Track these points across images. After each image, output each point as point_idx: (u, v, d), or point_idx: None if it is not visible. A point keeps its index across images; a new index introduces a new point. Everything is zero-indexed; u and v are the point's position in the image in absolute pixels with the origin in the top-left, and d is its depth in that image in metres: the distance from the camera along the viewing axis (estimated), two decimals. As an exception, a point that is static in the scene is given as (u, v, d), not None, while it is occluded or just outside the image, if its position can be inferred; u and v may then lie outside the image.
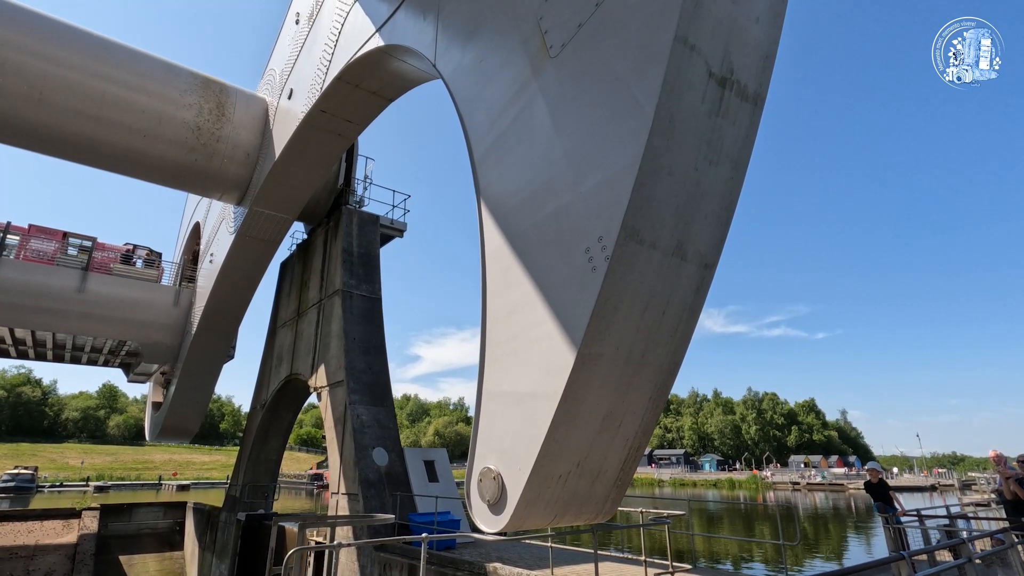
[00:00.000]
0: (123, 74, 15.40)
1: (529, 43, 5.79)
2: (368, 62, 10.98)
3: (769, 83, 4.89)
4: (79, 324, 22.25)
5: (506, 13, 6.28)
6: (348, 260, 19.06)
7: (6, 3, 14.08)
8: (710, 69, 4.39)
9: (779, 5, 4.76)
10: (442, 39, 7.66)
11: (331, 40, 12.65)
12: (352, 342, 17.70)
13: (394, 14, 9.59)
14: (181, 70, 16.74)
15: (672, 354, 5.00)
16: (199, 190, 18.38)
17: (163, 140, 16.15)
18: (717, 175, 4.67)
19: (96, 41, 15.37)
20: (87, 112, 14.98)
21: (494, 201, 5.80)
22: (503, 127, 5.95)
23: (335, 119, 13.56)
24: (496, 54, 6.30)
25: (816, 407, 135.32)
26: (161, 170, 16.83)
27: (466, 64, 6.89)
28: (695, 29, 4.23)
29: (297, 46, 15.75)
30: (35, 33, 14.26)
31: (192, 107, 16.43)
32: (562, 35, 5.30)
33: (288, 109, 15.59)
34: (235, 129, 17.14)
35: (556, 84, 5.26)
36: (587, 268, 4.43)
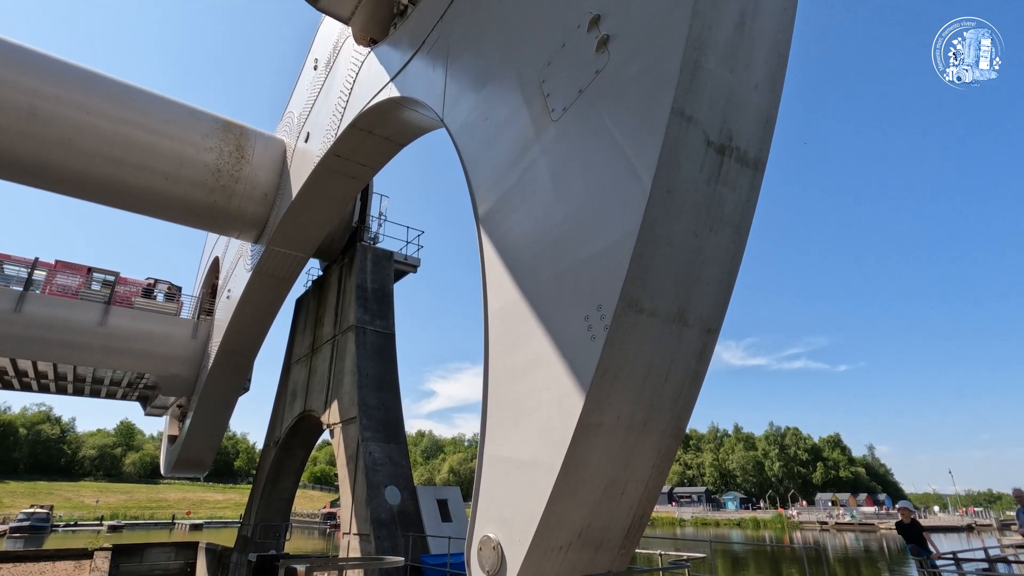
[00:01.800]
0: (148, 120, 15.97)
1: (532, 104, 5.87)
2: (381, 110, 11.25)
3: (770, 146, 4.87)
4: (100, 357, 22.63)
5: (510, 73, 6.40)
6: (362, 296, 19.21)
7: (41, 56, 14.78)
8: (708, 138, 4.39)
9: (777, 72, 4.77)
10: (450, 94, 7.82)
11: (346, 88, 13.00)
12: (365, 378, 17.69)
13: (405, 67, 9.85)
14: (203, 115, 17.31)
15: (676, 420, 4.89)
16: (218, 229, 18.79)
17: (184, 182, 16.61)
18: (718, 240, 4.63)
19: (124, 89, 16.00)
20: (113, 156, 15.52)
21: (497, 260, 5.81)
22: (506, 187, 6.00)
23: (349, 162, 13.84)
24: (501, 112, 6.40)
25: (841, 442, 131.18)
26: (181, 210, 17.26)
27: (472, 121, 7.01)
28: (692, 100, 4.25)
29: (315, 91, 16.22)
30: (66, 83, 14.90)
31: (213, 150, 16.92)
32: (563, 99, 5.36)
33: (305, 151, 15.98)
34: (254, 170, 17.59)
35: (557, 147, 5.31)
36: (586, 337, 4.39)
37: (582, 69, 5.20)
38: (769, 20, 4.73)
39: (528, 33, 6.29)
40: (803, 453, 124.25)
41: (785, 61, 4.89)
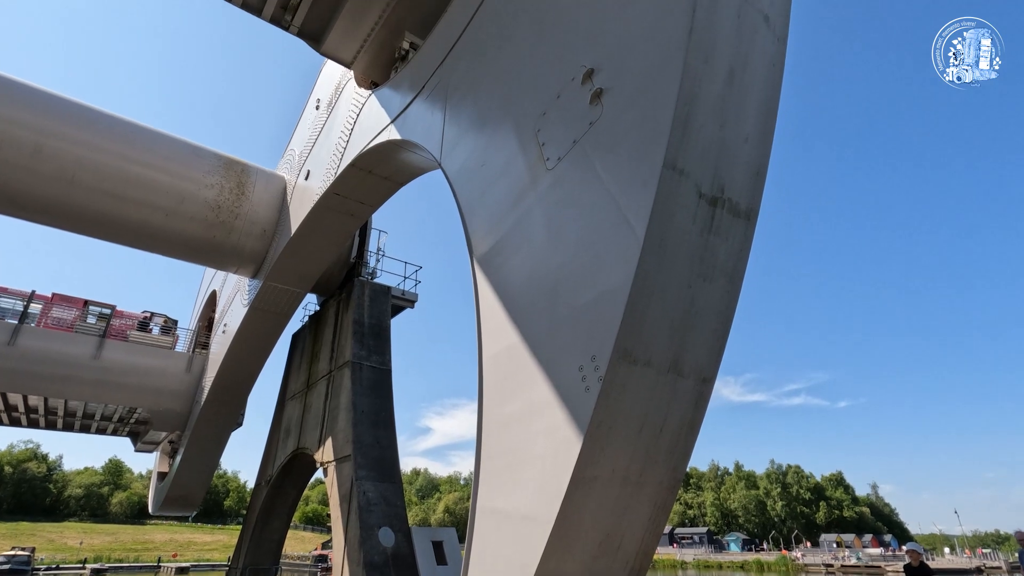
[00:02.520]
0: (150, 156, 16.20)
1: (528, 152, 5.96)
2: (380, 151, 11.42)
3: (762, 196, 4.93)
4: (92, 391, 22.37)
5: (507, 121, 6.52)
6: (359, 331, 19.13)
7: (48, 95, 15.08)
8: (700, 190, 4.45)
9: (767, 125, 4.87)
10: (448, 139, 7.95)
11: (347, 128, 13.24)
12: (360, 415, 17.48)
13: (405, 110, 10.05)
14: (206, 152, 17.57)
15: (672, 471, 4.80)
16: (216, 264, 18.84)
17: (184, 217, 16.73)
18: (712, 290, 4.63)
19: (128, 127, 16.27)
20: (114, 192, 15.67)
21: (492, 306, 5.81)
22: (502, 232, 6.05)
23: (348, 200, 13.99)
24: (497, 159, 6.50)
25: (844, 481, 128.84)
26: (180, 246, 17.34)
27: (469, 166, 7.10)
28: (684, 154, 4.32)
29: (316, 130, 16.50)
30: (72, 121, 15.16)
31: (214, 186, 17.11)
32: (558, 149, 5.45)
33: (305, 188, 16.15)
34: (253, 206, 17.75)
35: (552, 196, 5.37)
36: (580, 387, 4.34)
37: (576, 120, 5.30)
38: (758, 75, 4.85)
39: (524, 83, 6.44)
40: (806, 492, 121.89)
41: (774, 114, 4.99)
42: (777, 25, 5.01)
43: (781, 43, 5.03)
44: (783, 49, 5.03)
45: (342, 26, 11.99)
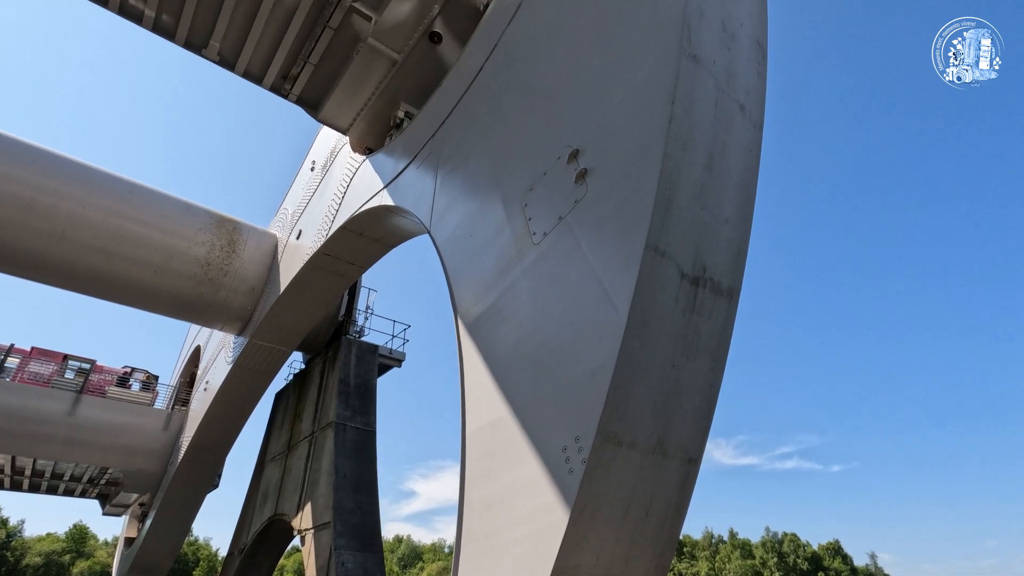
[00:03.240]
0: (143, 214, 16.31)
1: (515, 225, 6.08)
2: (372, 215, 11.60)
3: (743, 275, 5.02)
4: (64, 450, 21.53)
5: (495, 194, 6.68)
6: (344, 391, 18.79)
7: (44, 152, 15.32)
8: (682, 271, 4.53)
9: (746, 206, 5.02)
10: (438, 208, 8.11)
11: (340, 191, 13.49)
12: (342, 479, 16.91)
13: (397, 177, 10.28)
14: (199, 210, 17.74)
15: (659, 557, 4.64)
16: (202, 321, 18.65)
17: (173, 274, 16.69)
18: (696, 369, 4.63)
19: (121, 184, 16.46)
20: (104, 248, 15.66)
21: (476, 378, 5.76)
22: (487, 304, 6.07)
23: (339, 261, 14.06)
24: (485, 231, 6.61)
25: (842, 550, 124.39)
26: (167, 303, 17.20)
27: (458, 235, 7.21)
28: (665, 236, 4.43)
29: (310, 191, 16.79)
30: (66, 178, 15.34)
31: (205, 244, 17.18)
32: (544, 224, 5.57)
33: (296, 247, 16.25)
34: (243, 264, 17.78)
35: (538, 271, 5.43)
36: (564, 469, 4.25)
37: (562, 198, 5.44)
38: (736, 159, 5.04)
39: (513, 158, 6.65)
40: (803, 562, 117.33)
41: (753, 196, 5.16)
42: (752, 113, 5.26)
43: (757, 129, 5.26)
44: (759, 135, 5.26)
45: (340, 95, 12.43)
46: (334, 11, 11.40)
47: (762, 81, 5.41)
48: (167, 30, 11.53)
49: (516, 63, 7.72)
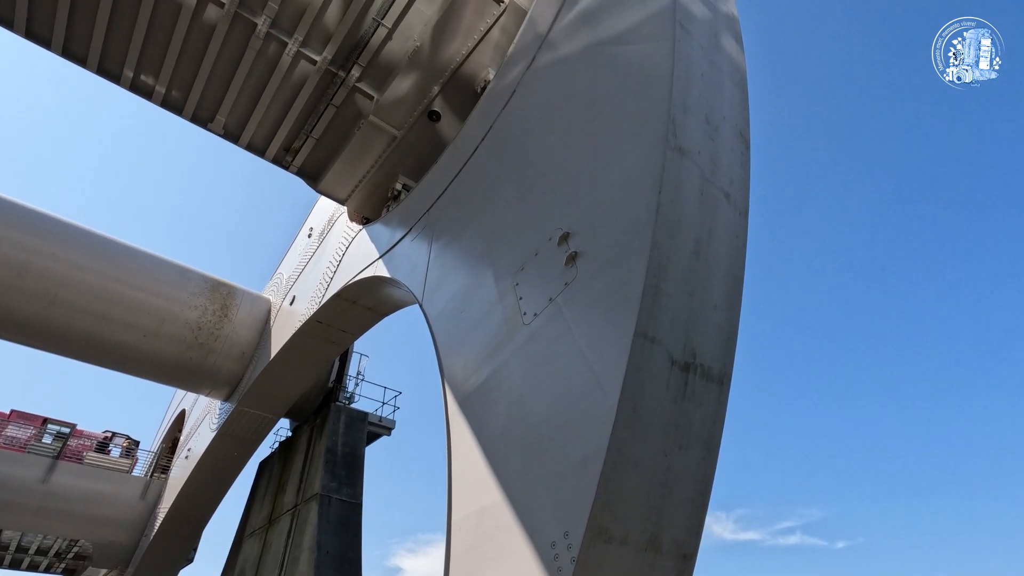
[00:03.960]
0: (137, 277, 16.34)
1: (506, 304, 6.10)
2: (366, 284, 11.67)
3: (733, 360, 5.00)
4: (34, 520, 20.53)
5: (487, 271, 6.75)
6: (330, 460, 18.22)
7: (40, 215, 15.48)
8: (672, 357, 4.51)
9: (734, 292, 5.07)
10: (430, 282, 8.16)
11: (335, 259, 13.62)
12: (324, 556, 16.10)
13: (392, 249, 10.42)
14: (194, 274, 17.80)
15: (654, 664, 4.35)
16: (188, 386, 18.31)
17: (163, 338, 16.52)
18: (688, 459, 4.52)
19: (116, 247, 16.57)
20: (95, 311, 15.56)
21: (464, 461, 5.60)
22: (477, 382, 6.00)
23: (331, 329, 14.01)
24: (476, 307, 6.63)
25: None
26: (154, 367, 16.94)
27: (449, 311, 7.22)
28: (655, 323, 4.44)
29: (306, 257, 16.94)
30: (62, 241, 15.45)
31: (198, 308, 17.11)
32: (535, 304, 5.59)
33: (289, 313, 16.21)
34: (235, 328, 17.65)
35: (528, 351, 5.41)
36: (553, 567, 4.06)
37: (553, 279, 5.49)
38: (723, 246, 5.14)
39: (505, 237, 6.77)
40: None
41: (741, 281, 5.22)
42: (737, 200, 5.41)
43: (742, 216, 5.40)
44: (745, 221, 5.40)
45: (339, 168, 12.80)
46: (338, 90, 11.91)
47: (745, 170, 5.60)
48: (176, 105, 11.98)
49: (510, 144, 8.01)
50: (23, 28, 10.25)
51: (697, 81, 5.48)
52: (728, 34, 6.82)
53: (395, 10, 10.86)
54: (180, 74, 11.50)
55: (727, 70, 6.08)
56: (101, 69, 11.20)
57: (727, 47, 6.55)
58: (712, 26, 6.46)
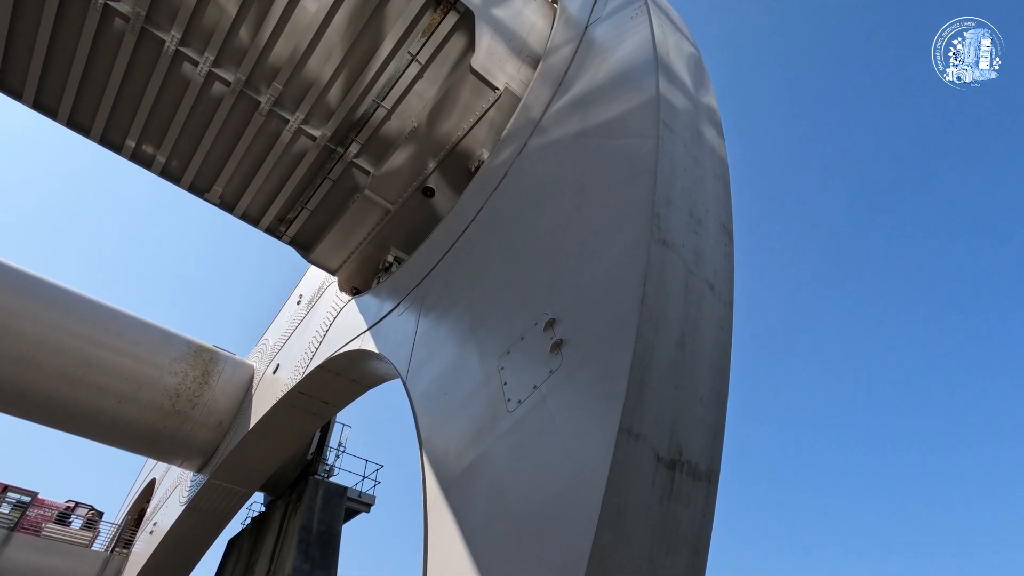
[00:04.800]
0: (118, 341, 16.04)
1: (490, 387, 5.99)
2: (351, 357, 11.51)
3: (721, 457, 4.87)
4: (-25, 601, 19.06)
5: (473, 353, 6.67)
6: (304, 539, 17.26)
7: (18, 272, 15.32)
8: (658, 454, 4.39)
9: (721, 385, 5.02)
10: (415, 359, 8.06)
11: (322, 329, 13.49)
12: (289, 649, 14.94)
13: (379, 322, 10.36)
14: (177, 338, 17.53)
15: None
16: (160, 456, 17.59)
17: (139, 405, 16.03)
18: (675, 565, 4.30)
19: (99, 309, 16.36)
20: (72, 375, 15.15)
21: (441, 557, 5.30)
22: (459, 469, 5.79)
23: (313, 400, 13.68)
24: (460, 390, 6.50)
25: None
26: (127, 436, 16.34)
27: (432, 391, 7.08)
28: (640, 418, 4.35)
29: (293, 325, 16.79)
30: (43, 302, 15.25)
31: (178, 374, 16.73)
32: (519, 391, 5.49)
33: (272, 381, 15.85)
34: (215, 396, 17.20)
35: (510, 441, 5.25)
36: None
37: (537, 365, 5.43)
38: (708, 338, 5.14)
39: (492, 318, 6.75)
40: None
41: (727, 373, 5.18)
42: (722, 291, 5.47)
43: (727, 307, 5.44)
44: (730, 313, 5.43)
45: (332, 239, 12.93)
46: (335, 164, 12.23)
47: (729, 261, 5.70)
48: (174, 175, 12.22)
49: (501, 225, 8.15)
50: (31, 99, 10.58)
51: (680, 176, 5.68)
52: (709, 126, 7.15)
53: (395, 92, 11.35)
54: (181, 146, 11.81)
55: (709, 164, 6.33)
56: (104, 139, 11.49)
57: (709, 142, 6.85)
58: (694, 121, 6.77)
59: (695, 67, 8.10)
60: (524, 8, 11.42)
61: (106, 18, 9.94)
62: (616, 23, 8.81)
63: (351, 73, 11.12)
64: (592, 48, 9.05)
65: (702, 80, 8.02)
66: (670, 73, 7.07)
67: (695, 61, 8.33)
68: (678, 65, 7.52)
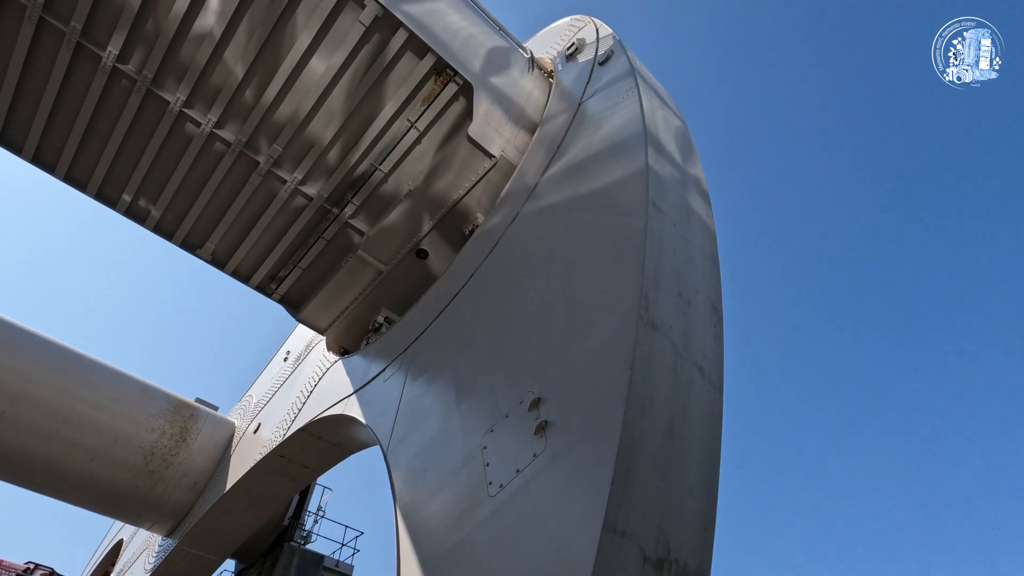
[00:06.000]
0: (96, 394, 15.54)
1: (472, 468, 5.74)
2: (333, 421, 11.18)
3: (712, 553, 4.61)
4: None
5: (456, 428, 6.46)
6: (275, 612, 16.25)
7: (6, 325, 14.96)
8: (644, 553, 4.14)
9: (711, 475, 4.82)
10: (398, 430, 7.80)
11: (307, 390, 13.17)
12: None
13: (364, 387, 10.12)
14: (157, 392, 17.03)
15: None
16: (128, 518, 16.75)
17: (111, 463, 15.35)
18: None
19: (78, 360, 15.89)
20: (42, 430, 14.56)
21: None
22: (439, 554, 5.47)
23: (292, 464, 13.18)
24: (441, 467, 6.24)
25: None
26: (95, 495, 15.58)
27: (413, 467, 6.81)
28: (625, 515, 4.13)
29: (278, 382, 16.41)
30: (22, 353, 14.85)
31: (155, 431, 16.14)
32: (501, 475, 5.25)
33: (251, 442, 15.31)
34: (191, 454, 16.55)
35: (491, 530, 4.98)
36: None
37: (521, 447, 5.22)
38: (697, 424, 4.98)
39: (477, 391, 6.57)
40: None
41: (717, 461, 4.99)
42: (712, 375, 5.35)
43: (717, 391, 5.30)
44: (720, 397, 5.29)
45: (323, 298, 12.83)
46: (330, 224, 12.30)
47: (719, 343, 5.61)
48: (168, 231, 12.23)
49: (491, 294, 8.10)
50: (31, 154, 10.69)
51: (669, 256, 5.68)
52: (697, 196, 7.26)
53: (393, 156, 11.57)
54: (177, 202, 11.86)
55: (698, 243, 6.36)
56: (100, 195, 11.55)
57: (697, 217, 6.92)
58: (682, 196, 6.85)
59: (682, 139, 8.35)
60: (521, 79, 11.83)
61: (113, 79, 10.20)
62: (608, 97, 9.13)
63: (351, 136, 11.35)
64: (586, 119, 9.34)
65: (689, 151, 8.25)
66: (659, 146, 7.25)
67: (682, 133, 8.60)
68: (666, 138, 7.74)
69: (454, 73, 10.72)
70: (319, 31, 9.99)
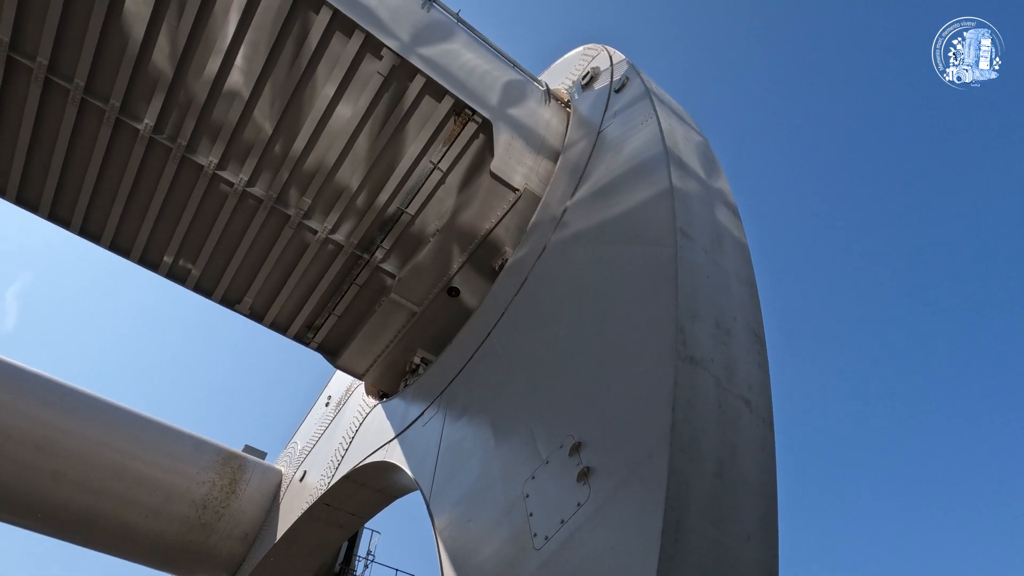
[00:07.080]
0: (148, 452, 15.92)
1: (515, 517, 5.55)
2: (375, 468, 11.13)
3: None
4: None
5: (497, 473, 6.30)
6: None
7: (55, 384, 15.52)
8: (702, 609, 3.86)
9: (768, 516, 4.52)
10: (439, 478, 7.67)
11: (348, 435, 13.21)
12: None
13: (404, 431, 10.06)
14: (208, 446, 17.35)
15: None
16: (181, 572, 16.91)
17: (165, 518, 15.62)
18: None
19: (131, 419, 16.34)
20: (99, 488, 14.95)
21: None
22: (484, 614, 5.25)
23: (338, 512, 13.16)
24: (483, 517, 6.07)
25: None
26: (150, 550, 15.84)
27: (455, 517, 6.64)
28: (678, 568, 3.87)
29: (321, 428, 16.54)
30: (80, 414, 15.38)
31: (206, 483, 16.40)
32: (545, 526, 5.04)
33: (299, 489, 15.39)
34: (241, 505, 16.71)
35: (538, 585, 4.76)
36: None
37: (564, 496, 5.02)
38: (749, 462, 4.69)
39: (515, 434, 6.41)
40: None
41: (775, 501, 4.68)
42: (760, 407, 5.06)
43: (767, 425, 5.01)
44: (770, 431, 4.99)
45: (359, 344, 12.94)
46: (362, 270, 12.46)
47: (764, 372, 5.33)
48: (207, 289, 12.61)
49: (524, 331, 7.98)
50: (78, 227, 11.25)
51: (703, 284, 5.47)
52: (725, 210, 7.03)
53: (419, 199, 11.70)
54: (215, 261, 12.25)
55: (732, 268, 6.12)
56: (143, 260, 12.03)
57: (729, 240, 6.68)
58: (711, 218, 6.63)
59: (704, 155, 8.17)
60: (538, 108, 11.90)
61: (151, 150, 10.70)
62: (626, 121, 9.06)
63: (376, 182, 11.56)
64: (606, 145, 9.27)
65: (712, 166, 8.05)
66: (681, 164, 7.10)
67: (703, 149, 8.42)
68: (688, 155, 7.59)
69: (473, 112, 10.86)
70: (341, 82, 10.29)
